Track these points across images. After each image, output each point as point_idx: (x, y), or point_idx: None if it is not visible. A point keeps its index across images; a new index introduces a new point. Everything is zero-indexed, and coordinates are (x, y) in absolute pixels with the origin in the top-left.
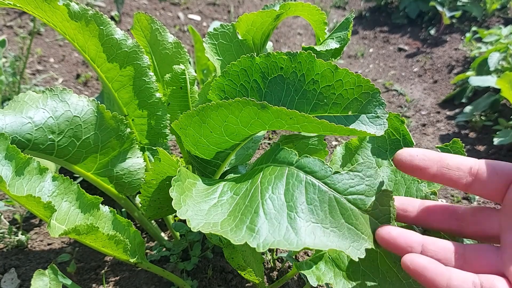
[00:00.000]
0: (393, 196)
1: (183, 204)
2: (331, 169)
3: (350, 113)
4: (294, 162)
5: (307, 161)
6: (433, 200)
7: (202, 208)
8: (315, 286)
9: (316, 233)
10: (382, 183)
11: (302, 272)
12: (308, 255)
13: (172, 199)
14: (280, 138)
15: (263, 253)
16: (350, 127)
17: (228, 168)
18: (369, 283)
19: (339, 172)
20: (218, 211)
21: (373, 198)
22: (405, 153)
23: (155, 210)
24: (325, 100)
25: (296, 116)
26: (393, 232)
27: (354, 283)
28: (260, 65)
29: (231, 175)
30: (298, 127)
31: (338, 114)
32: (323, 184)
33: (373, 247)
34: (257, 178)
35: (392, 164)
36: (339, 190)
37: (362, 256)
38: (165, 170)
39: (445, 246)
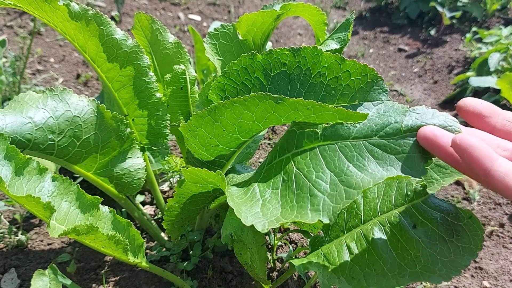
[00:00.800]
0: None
1: (242, 213)
2: (352, 124)
3: (357, 102)
4: (320, 138)
5: (329, 131)
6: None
7: (255, 211)
8: (302, 274)
9: (370, 176)
10: (405, 106)
11: (291, 261)
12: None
13: (193, 214)
14: (291, 124)
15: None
16: (364, 113)
17: (229, 167)
18: (355, 275)
19: (360, 122)
20: (270, 208)
21: (404, 121)
22: (469, 99)
23: (179, 229)
24: (332, 92)
25: (314, 106)
26: (436, 131)
27: (340, 275)
28: (262, 62)
29: (234, 175)
30: (314, 118)
31: (346, 104)
32: (354, 139)
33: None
34: (290, 168)
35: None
36: (369, 135)
37: (425, 173)
38: (189, 190)
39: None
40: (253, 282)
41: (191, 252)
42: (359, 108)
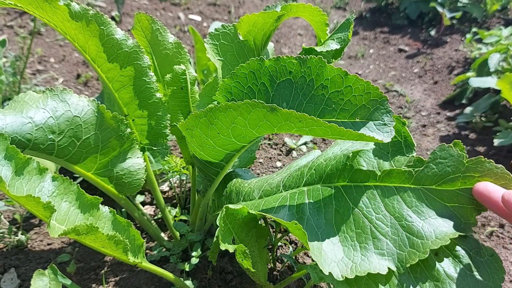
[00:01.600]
0: None
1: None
2: (412, 171)
3: (357, 119)
4: (377, 179)
5: (389, 173)
6: None
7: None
8: (318, 282)
9: (438, 225)
10: (462, 156)
11: (304, 268)
12: (308, 255)
13: None
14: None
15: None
16: (359, 132)
17: (231, 170)
18: None
19: (419, 169)
20: (336, 248)
21: (460, 174)
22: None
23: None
24: (333, 106)
25: (306, 119)
26: (489, 187)
27: (355, 285)
28: (269, 68)
29: (237, 180)
30: (306, 131)
31: (345, 120)
32: (412, 185)
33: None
34: (346, 203)
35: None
36: (426, 183)
37: (469, 228)
38: None
39: None
40: (255, 282)
41: (191, 252)
42: (362, 129)
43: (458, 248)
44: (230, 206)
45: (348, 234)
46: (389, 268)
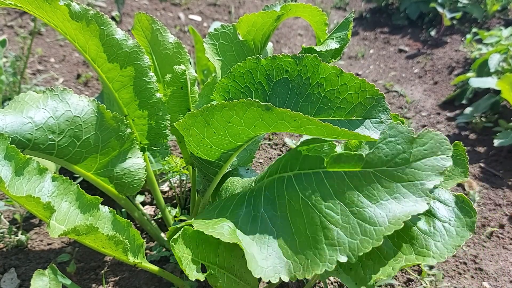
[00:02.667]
0: None
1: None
2: (361, 154)
3: (354, 117)
4: (325, 165)
5: (338, 158)
6: None
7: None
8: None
9: (384, 211)
10: (411, 132)
11: None
12: None
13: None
14: (299, 143)
15: None
16: (354, 131)
17: (230, 169)
18: (352, 266)
19: (370, 151)
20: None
21: (411, 149)
22: None
23: None
24: (329, 104)
25: (300, 118)
26: None
27: (338, 266)
28: (265, 67)
29: (234, 178)
30: (301, 130)
31: (342, 119)
32: (363, 169)
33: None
34: (291, 194)
35: None
36: (378, 164)
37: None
38: None
39: None
40: None
41: None
42: (359, 128)
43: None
44: (178, 226)
45: (301, 226)
46: (338, 261)
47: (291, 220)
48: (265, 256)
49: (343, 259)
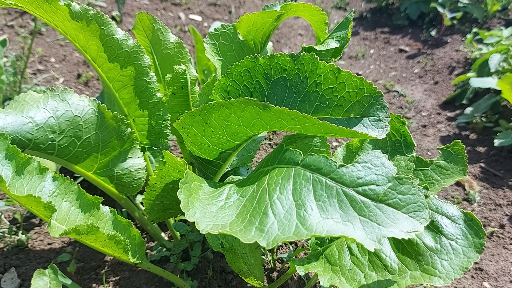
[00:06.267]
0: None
1: (191, 207)
2: (335, 164)
3: (352, 115)
4: (299, 162)
5: (312, 159)
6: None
7: (209, 210)
8: (302, 274)
9: (327, 226)
10: (394, 170)
11: (292, 262)
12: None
13: (175, 202)
14: (283, 139)
15: (263, 254)
16: (352, 129)
17: (230, 169)
18: (355, 276)
19: (345, 166)
20: (225, 213)
21: (386, 187)
22: None
23: (158, 213)
24: (327, 102)
25: (298, 116)
26: None
27: (341, 275)
28: (263, 66)
29: (233, 177)
30: (299, 128)
31: (340, 117)
32: (330, 180)
33: (396, 237)
34: (263, 180)
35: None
36: (347, 183)
37: (378, 247)
38: (170, 174)
39: None
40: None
41: (191, 252)
42: (357, 126)
43: (436, 217)
44: None
45: (247, 208)
46: (256, 242)
47: (243, 204)
48: (202, 212)
49: (263, 243)
